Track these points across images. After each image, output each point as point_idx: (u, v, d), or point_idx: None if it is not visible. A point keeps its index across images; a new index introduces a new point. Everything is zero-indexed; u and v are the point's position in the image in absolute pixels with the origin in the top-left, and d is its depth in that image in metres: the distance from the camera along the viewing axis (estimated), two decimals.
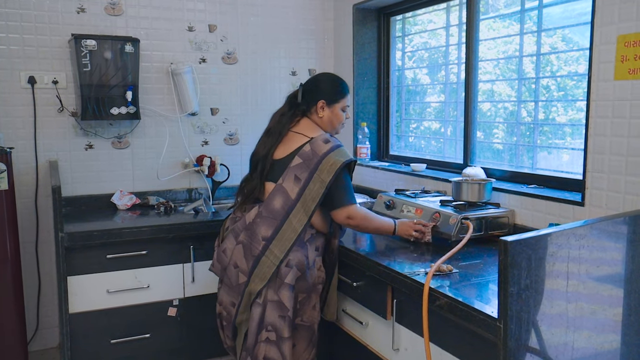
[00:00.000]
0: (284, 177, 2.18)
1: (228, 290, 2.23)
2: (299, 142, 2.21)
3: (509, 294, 1.38)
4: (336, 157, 2.15)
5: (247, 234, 2.18)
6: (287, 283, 2.11)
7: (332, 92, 2.29)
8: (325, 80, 2.35)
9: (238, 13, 3.41)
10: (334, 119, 2.30)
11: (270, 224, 2.14)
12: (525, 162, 2.63)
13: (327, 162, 2.13)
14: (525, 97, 2.62)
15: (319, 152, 2.15)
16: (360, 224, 2.22)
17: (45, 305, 3.12)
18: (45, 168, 3.03)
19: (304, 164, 2.15)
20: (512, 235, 1.39)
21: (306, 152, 2.17)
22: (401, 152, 3.46)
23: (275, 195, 2.17)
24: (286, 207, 2.14)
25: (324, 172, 2.13)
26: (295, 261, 2.14)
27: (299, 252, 2.15)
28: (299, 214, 2.14)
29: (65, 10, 3.01)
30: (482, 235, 2.29)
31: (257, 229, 2.16)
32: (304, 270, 2.15)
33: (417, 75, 3.39)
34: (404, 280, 1.89)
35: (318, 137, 2.21)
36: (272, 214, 2.15)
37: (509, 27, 2.75)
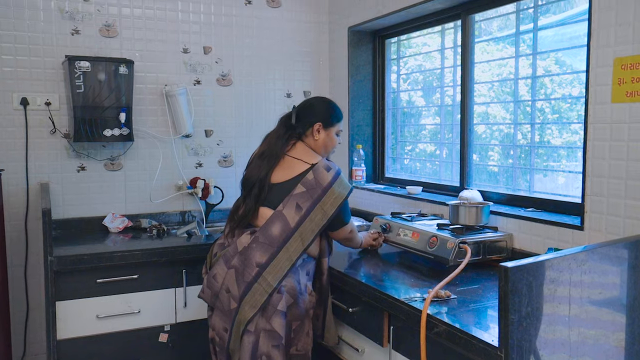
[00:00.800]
0: (285, 204, 2.12)
1: (221, 315, 2.16)
2: (300, 169, 2.17)
3: (509, 322, 1.34)
4: (339, 189, 2.15)
5: (241, 259, 2.11)
6: (280, 310, 2.05)
7: (329, 116, 2.29)
8: (321, 103, 2.35)
9: (233, 35, 3.41)
10: (329, 142, 2.29)
11: (265, 250, 2.08)
12: (521, 185, 2.60)
13: (331, 194, 2.13)
14: (520, 120, 2.60)
15: (323, 182, 2.13)
16: (354, 237, 2.37)
17: (33, 331, 3.04)
18: (36, 190, 2.98)
19: (307, 193, 2.12)
20: (513, 261, 1.36)
21: (309, 180, 2.13)
22: (397, 175, 3.43)
23: (274, 222, 2.11)
24: (284, 234, 2.08)
25: (327, 205, 2.12)
26: (287, 287, 2.09)
27: (291, 278, 2.10)
28: (296, 243, 2.08)
29: (59, 32, 3.00)
30: (480, 260, 2.25)
31: (251, 254, 2.09)
32: (296, 296, 2.10)
33: (412, 97, 3.38)
34: (401, 307, 1.85)
35: (319, 164, 2.17)
36: (269, 240, 2.09)
37: (503, 50, 2.75)
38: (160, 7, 3.22)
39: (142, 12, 3.18)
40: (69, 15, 3.01)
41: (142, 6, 3.18)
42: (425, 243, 2.33)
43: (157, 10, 3.21)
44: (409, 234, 2.45)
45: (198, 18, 3.32)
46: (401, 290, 1.99)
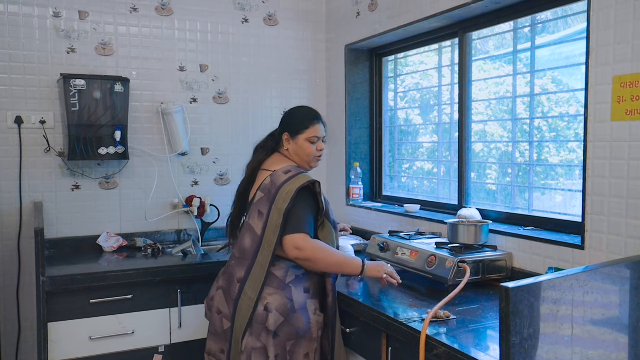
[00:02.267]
0: (250, 214, 2.14)
1: (215, 339, 2.15)
2: (262, 178, 2.18)
3: (510, 345, 1.31)
4: (292, 184, 2.05)
5: (225, 278, 2.16)
6: (268, 329, 2.00)
7: (294, 123, 2.22)
8: (291, 112, 2.29)
9: (230, 53, 3.42)
10: (300, 151, 2.20)
11: (242, 264, 2.09)
12: (519, 203, 2.59)
13: (283, 190, 2.05)
14: (518, 138, 2.60)
15: (277, 183, 2.08)
16: (313, 256, 2.00)
17: (25, 353, 2.98)
18: (30, 209, 2.95)
19: (265, 198, 2.09)
20: (513, 281, 1.33)
21: (266, 185, 2.11)
22: (394, 193, 3.42)
23: (244, 235, 2.13)
24: (254, 245, 2.07)
25: (280, 201, 2.03)
26: (275, 305, 2.01)
27: (278, 294, 2.03)
28: (265, 251, 2.04)
29: (55, 50, 3.00)
30: (479, 279, 2.22)
31: (232, 271, 2.12)
32: (287, 314, 2.02)
33: (409, 115, 3.38)
34: (400, 328, 1.82)
35: (280, 169, 2.14)
36: (243, 254, 2.10)
37: (500, 69, 2.76)
38: (157, 26, 3.23)
39: (138, 30, 3.18)
40: (64, 34, 3.01)
41: (138, 25, 3.18)
42: (423, 262, 2.31)
43: (153, 28, 3.22)
44: (407, 252, 2.43)
45: (195, 36, 3.32)
46: (399, 310, 1.96)
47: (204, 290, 2.73)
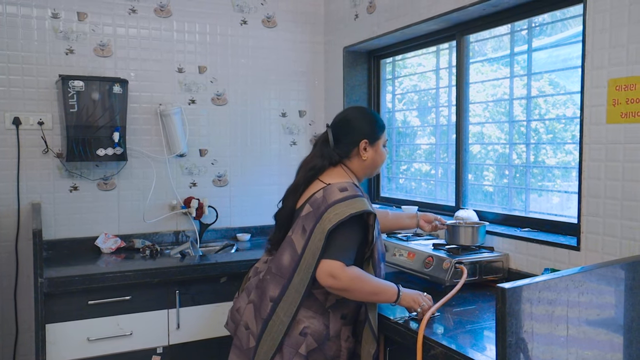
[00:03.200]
0: (294, 229, 1.90)
1: (238, 353, 1.99)
2: (315, 189, 1.92)
3: (507, 345, 1.33)
4: (345, 207, 1.80)
5: (257, 293, 1.95)
6: (301, 354, 1.82)
7: (372, 129, 1.99)
8: (360, 117, 2.02)
9: (228, 55, 3.43)
10: (378, 158, 2.01)
11: (277, 282, 1.88)
12: (516, 205, 2.61)
13: (332, 210, 1.80)
14: (515, 140, 2.62)
15: (329, 200, 1.83)
16: (349, 286, 1.77)
17: (22, 355, 2.99)
18: (28, 211, 2.97)
19: (312, 213, 1.85)
20: (509, 282, 1.35)
21: (317, 199, 1.87)
22: (392, 194, 3.44)
23: (284, 250, 1.90)
24: (293, 263, 1.85)
25: (326, 221, 1.79)
26: (311, 330, 1.84)
27: (316, 319, 1.85)
28: (302, 272, 1.82)
29: (53, 51, 3.01)
30: (476, 280, 2.24)
31: (266, 287, 1.91)
32: (321, 341, 1.85)
33: (407, 117, 3.40)
34: (397, 328, 1.84)
35: (336, 183, 1.89)
36: (280, 271, 1.88)
37: (497, 71, 2.78)
38: (156, 27, 3.24)
39: (137, 31, 3.20)
40: (63, 35, 3.03)
41: (137, 26, 3.20)
42: (421, 263, 2.33)
43: (152, 30, 3.24)
44: (404, 254, 2.45)
45: (193, 38, 3.34)
46: (397, 311, 1.98)
47: (202, 291, 2.76)
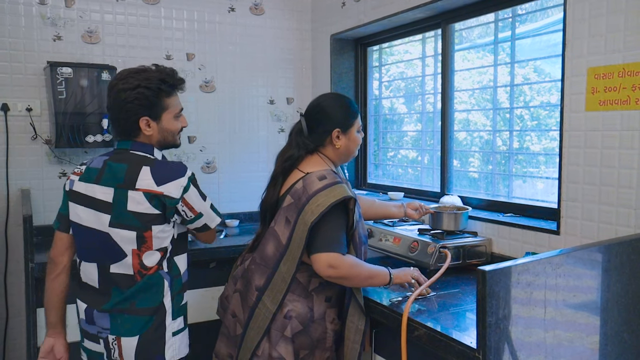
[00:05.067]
0: (276, 220, 1.94)
1: (226, 341, 2.04)
2: (294, 179, 1.95)
3: (487, 325, 1.37)
4: (326, 197, 1.83)
5: (243, 282, 1.99)
6: (286, 336, 1.86)
7: (345, 116, 1.99)
8: (332, 104, 2.01)
9: (216, 42, 3.43)
10: (351, 144, 2.02)
11: (262, 272, 1.92)
12: (501, 191, 2.66)
13: (314, 202, 1.82)
14: (500, 127, 2.66)
15: (309, 191, 1.85)
16: (348, 274, 1.82)
17: (13, 339, 3.01)
18: (17, 197, 2.96)
19: (293, 204, 1.88)
20: (489, 265, 1.40)
21: (298, 190, 1.89)
22: (379, 181, 3.47)
23: (268, 240, 1.94)
24: (277, 253, 1.90)
25: (309, 213, 1.82)
26: (295, 312, 1.88)
27: (300, 302, 1.89)
28: (288, 262, 1.87)
29: (41, 37, 2.99)
30: (460, 264, 2.29)
31: (251, 276, 1.95)
32: (306, 323, 1.88)
33: (394, 104, 3.43)
34: (383, 311, 1.88)
35: (314, 172, 1.91)
36: (265, 261, 1.93)
37: (483, 58, 2.82)
38: (143, 14, 3.23)
39: (124, 18, 3.19)
40: (50, 22, 3.01)
41: (124, 12, 3.18)
42: (406, 248, 2.37)
43: (140, 16, 3.22)
44: (390, 239, 2.49)
45: (181, 25, 3.33)
46: (383, 294, 2.02)
47: (192, 276, 2.77)
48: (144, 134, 1.85)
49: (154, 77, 1.82)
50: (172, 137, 1.92)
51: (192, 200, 1.84)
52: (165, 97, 1.85)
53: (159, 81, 1.83)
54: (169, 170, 1.82)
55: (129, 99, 1.79)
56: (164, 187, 1.78)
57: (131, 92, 1.79)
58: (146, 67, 1.86)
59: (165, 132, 1.88)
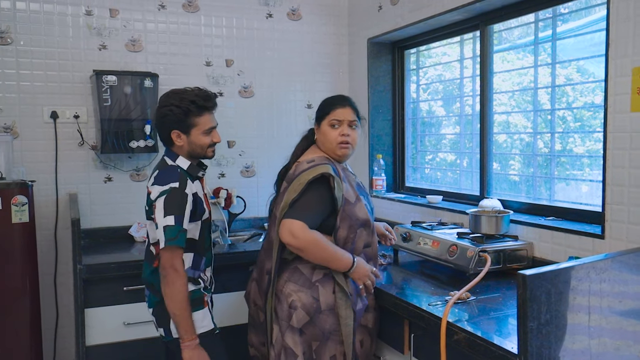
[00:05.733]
0: (276, 204, 2.14)
1: (255, 331, 2.19)
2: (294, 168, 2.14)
3: (528, 329, 1.36)
4: (307, 174, 1.98)
5: (257, 270, 2.19)
6: (292, 326, 1.94)
7: (318, 112, 2.18)
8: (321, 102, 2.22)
9: (254, 48, 3.49)
10: (324, 138, 2.12)
11: (269, 256, 2.08)
12: (543, 194, 2.61)
13: (297, 181, 1.99)
14: (541, 129, 2.62)
15: (297, 172, 2.04)
16: (306, 246, 1.90)
17: (63, 338, 3.13)
18: (65, 201, 3.08)
19: (287, 187, 2.07)
20: (531, 269, 1.38)
21: (290, 174, 2.09)
22: (417, 184, 3.46)
23: (271, 225, 2.15)
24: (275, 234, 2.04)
25: (292, 192, 1.97)
26: (301, 303, 1.96)
27: (304, 293, 1.97)
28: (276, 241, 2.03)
29: (87, 47, 3.11)
30: (500, 268, 2.26)
31: (262, 263, 2.14)
32: (313, 314, 1.95)
33: (432, 107, 3.41)
34: (421, 314, 1.87)
35: (307, 159, 2.08)
36: (270, 244, 2.09)
37: (523, 59, 2.77)
38: (184, 22, 3.31)
39: (166, 26, 3.28)
40: (96, 31, 3.12)
41: (166, 21, 3.27)
42: (445, 252, 2.35)
43: (180, 24, 3.31)
44: (429, 242, 2.47)
45: (220, 32, 3.40)
46: (422, 298, 2.01)
47: (231, 279, 2.83)
48: (176, 145, 2.13)
49: (186, 99, 2.10)
50: (201, 150, 2.16)
51: (157, 208, 2.00)
52: (194, 116, 2.11)
53: (190, 102, 2.09)
54: (164, 175, 2.07)
55: (162, 115, 2.11)
56: (152, 187, 2.07)
57: (166, 108, 2.10)
58: (186, 89, 2.14)
59: (194, 145, 2.14)
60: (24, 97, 3.00)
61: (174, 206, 1.98)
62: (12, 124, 2.99)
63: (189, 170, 2.13)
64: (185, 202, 2.01)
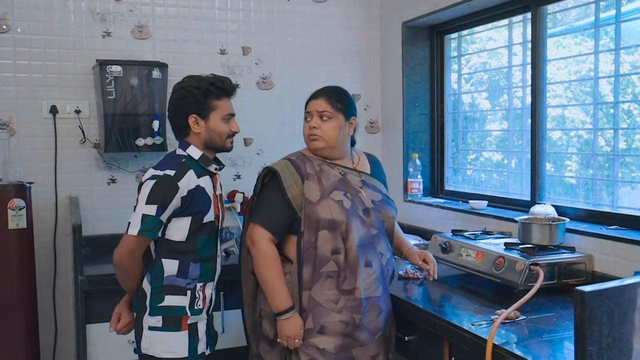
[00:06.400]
0: None
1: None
2: None
3: (587, 354, 1.34)
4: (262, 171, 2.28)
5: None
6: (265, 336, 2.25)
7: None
8: None
9: (274, 34, 3.52)
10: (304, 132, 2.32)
11: None
12: (604, 199, 2.57)
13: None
14: (603, 124, 2.58)
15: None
16: (255, 256, 2.15)
17: (62, 356, 3.19)
18: (65, 204, 3.15)
19: None
20: (591, 285, 1.37)
21: None
22: (458, 188, 3.44)
23: None
24: None
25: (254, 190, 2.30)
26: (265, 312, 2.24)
27: (266, 302, 2.22)
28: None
29: (90, 34, 3.17)
30: (554, 284, 2.24)
31: None
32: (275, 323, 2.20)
33: (475, 99, 3.39)
34: (464, 335, 1.87)
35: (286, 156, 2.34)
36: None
37: (582, 44, 2.74)
38: (196, 5, 3.36)
39: (176, 10, 3.33)
40: (100, 17, 3.19)
41: (176, 4, 3.32)
42: (490, 264, 2.34)
43: (192, 8, 3.35)
44: (472, 254, 2.46)
45: (236, 16, 3.44)
46: (463, 317, 2.00)
47: None
48: (193, 132, 2.17)
49: (204, 80, 2.18)
50: (220, 139, 2.20)
51: (142, 192, 2.06)
52: (214, 99, 2.17)
53: (209, 83, 2.17)
54: (164, 161, 2.16)
55: (179, 97, 2.16)
56: (148, 170, 2.15)
57: (182, 90, 2.16)
58: (202, 75, 2.23)
59: (212, 132, 2.18)
60: (21, 91, 3.08)
61: (159, 195, 2.03)
62: (8, 120, 3.07)
63: (200, 160, 2.16)
64: (174, 194, 2.04)
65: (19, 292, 2.76)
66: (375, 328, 2.13)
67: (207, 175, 2.18)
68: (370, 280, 2.14)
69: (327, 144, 2.23)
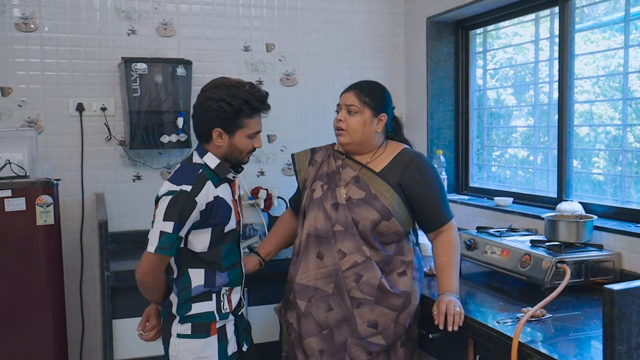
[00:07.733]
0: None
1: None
2: None
3: (616, 354, 1.34)
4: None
5: None
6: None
7: None
8: None
9: (298, 30, 3.53)
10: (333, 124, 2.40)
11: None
12: (633, 196, 2.55)
13: None
14: (632, 120, 2.55)
15: None
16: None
17: (89, 351, 3.25)
18: (92, 201, 3.21)
19: None
20: (620, 283, 1.36)
21: None
22: (483, 184, 3.43)
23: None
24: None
25: None
26: None
27: None
28: None
29: (115, 32, 3.22)
30: (581, 282, 2.23)
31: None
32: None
33: (500, 95, 3.37)
34: (489, 333, 1.87)
35: None
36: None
37: (611, 39, 2.71)
38: (220, 2, 3.39)
39: (200, 8, 3.36)
40: (125, 15, 3.23)
41: (200, 2, 3.36)
42: (516, 262, 2.33)
43: (216, 5, 3.39)
44: (497, 251, 2.46)
45: (260, 12, 3.47)
46: (488, 315, 2.01)
47: (272, 289, 2.87)
48: (215, 144, 2.10)
49: (239, 96, 2.04)
50: (240, 154, 2.14)
51: (159, 208, 2.01)
52: (245, 117, 2.07)
53: (243, 101, 2.04)
54: (182, 173, 2.09)
55: (210, 109, 2.05)
56: (165, 183, 2.07)
57: (215, 103, 2.04)
58: (240, 84, 2.09)
59: (234, 147, 2.11)
60: (49, 89, 3.15)
61: (176, 212, 1.98)
62: (36, 118, 3.13)
63: (216, 169, 2.10)
64: (192, 210, 1.99)
65: (47, 289, 2.82)
66: (323, 324, 2.14)
67: (225, 182, 2.14)
68: (320, 272, 2.17)
69: (351, 139, 2.24)
